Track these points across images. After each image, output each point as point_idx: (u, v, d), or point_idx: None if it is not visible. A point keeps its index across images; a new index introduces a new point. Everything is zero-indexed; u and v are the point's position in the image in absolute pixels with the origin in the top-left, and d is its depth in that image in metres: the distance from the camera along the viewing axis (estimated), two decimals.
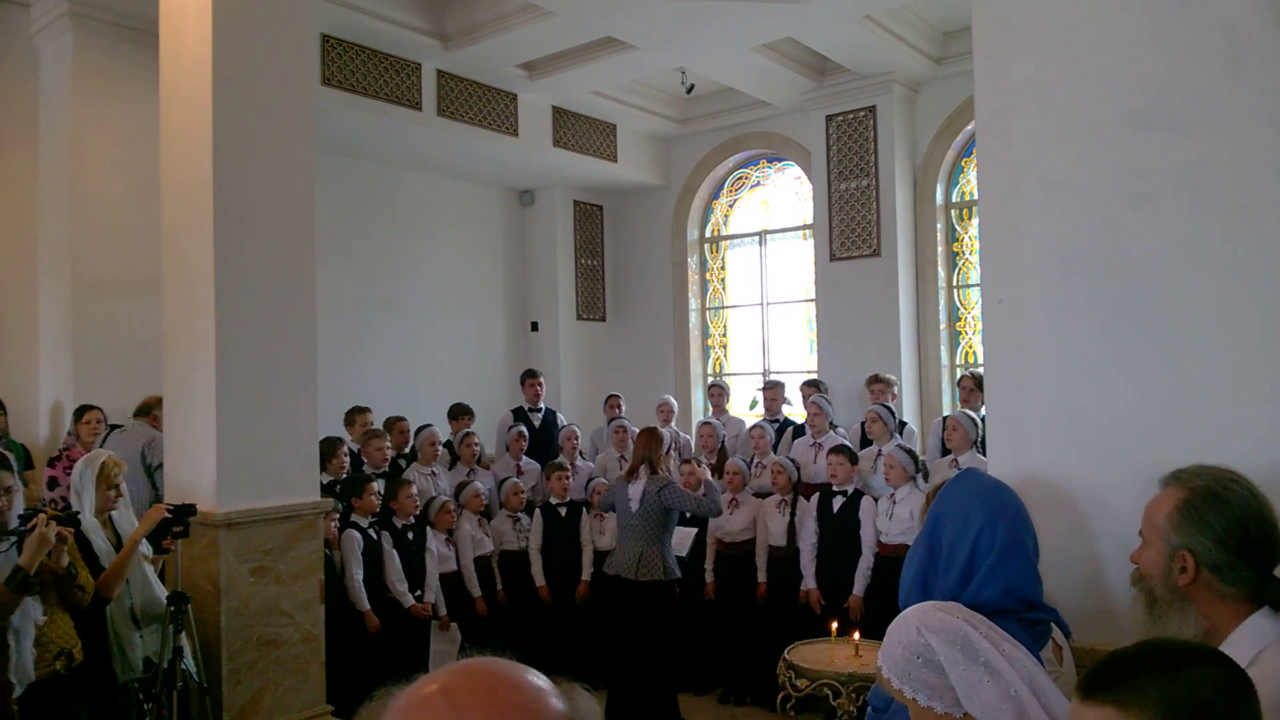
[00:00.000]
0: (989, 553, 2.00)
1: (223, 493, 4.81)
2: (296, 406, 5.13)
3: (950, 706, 1.69)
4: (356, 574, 5.64)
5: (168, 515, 4.32)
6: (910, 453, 5.76)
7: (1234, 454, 1.92)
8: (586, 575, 6.47)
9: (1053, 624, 2.08)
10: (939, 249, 8.32)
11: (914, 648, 1.71)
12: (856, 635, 3.55)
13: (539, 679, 0.88)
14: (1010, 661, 1.69)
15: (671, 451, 5.64)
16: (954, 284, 8.38)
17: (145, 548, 4.39)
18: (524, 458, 7.23)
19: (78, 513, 4.13)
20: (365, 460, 6.40)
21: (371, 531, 5.80)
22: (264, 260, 5.01)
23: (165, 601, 4.27)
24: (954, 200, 8.39)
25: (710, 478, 5.61)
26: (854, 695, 3.16)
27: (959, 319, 8.34)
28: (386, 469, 6.45)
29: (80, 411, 6.12)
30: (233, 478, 4.85)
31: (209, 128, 4.83)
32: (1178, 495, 1.83)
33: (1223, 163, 2.26)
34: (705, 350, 10.07)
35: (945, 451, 6.10)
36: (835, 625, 3.85)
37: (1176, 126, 2.27)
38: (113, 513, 4.37)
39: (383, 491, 6.01)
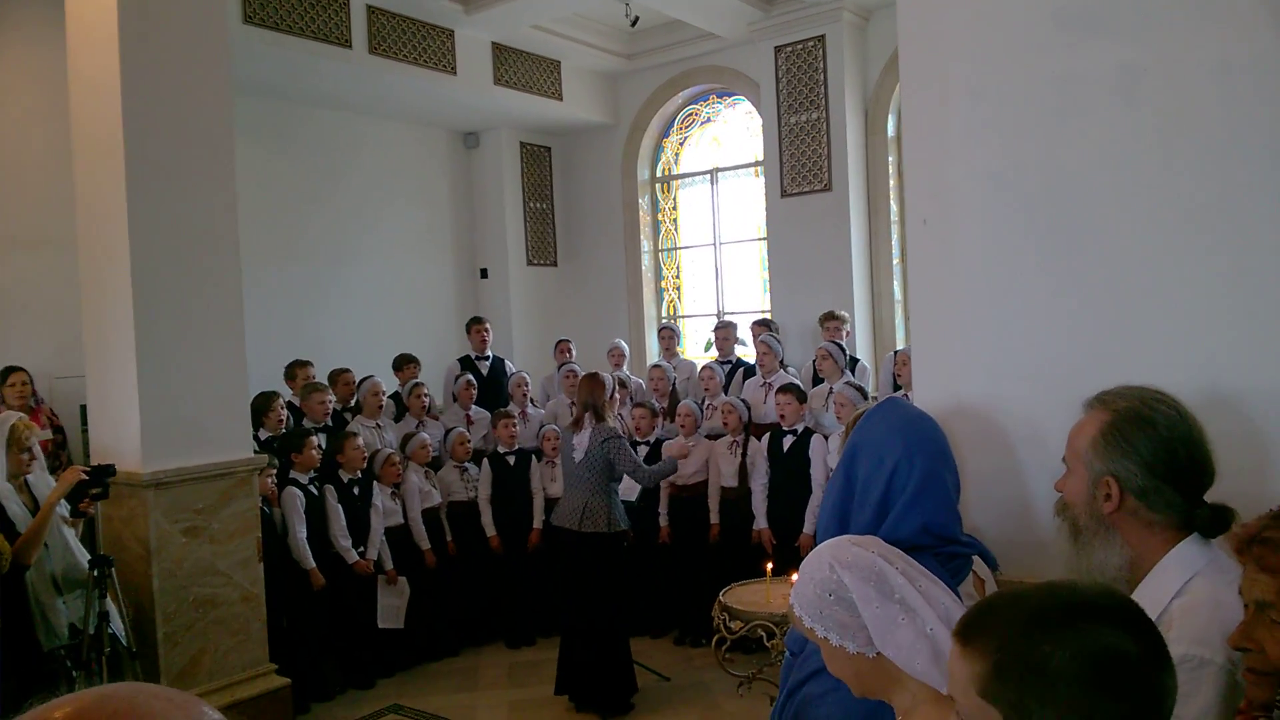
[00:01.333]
0: (904, 488, 1.89)
1: (148, 452, 4.66)
2: (224, 361, 4.97)
3: (863, 646, 1.60)
4: (299, 531, 5.50)
5: (84, 477, 4.15)
6: (860, 389, 5.69)
7: (1172, 379, 1.82)
8: (538, 524, 6.38)
9: (975, 557, 1.99)
10: (891, 182, 8.17)
11: (826, 584, 1.62)
12: (794, 575, 3.47)
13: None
14: (927, 598, 1.60)
15: (616, 396, 5.48)
16: (906, 218, 8.25)
17: (65, 511, 4.23)
18: (473, 407, 7.08)
19: None
20: (306, 414, 6.22)
21: (313, 487, 5.66)
22: (182, 210, 4.81)
23: (88, 565, 4.12)
24: (902, 137, 8.22)
25: (675, 455, 5.43)
26: (784, 640, 3.08)
27: (908, 258, 8.23)
28: (329, 423, 6.28)
29: (4, 374, 5.90)
30: (158, 436, 4.69)
31: (117, 75, 4.62)
32: (1101, 418, 1.72)
33: (1157, 65, 2.12)
34: (659, 293, 9.91)
35: (897, 386, 6.03)
36: (770, 566, 3.77)
37: (1107, 28, 2.13)
38: (29, 477, 4.21)
39: (323, 446, 5.85)
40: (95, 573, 4.07)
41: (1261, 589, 1.32)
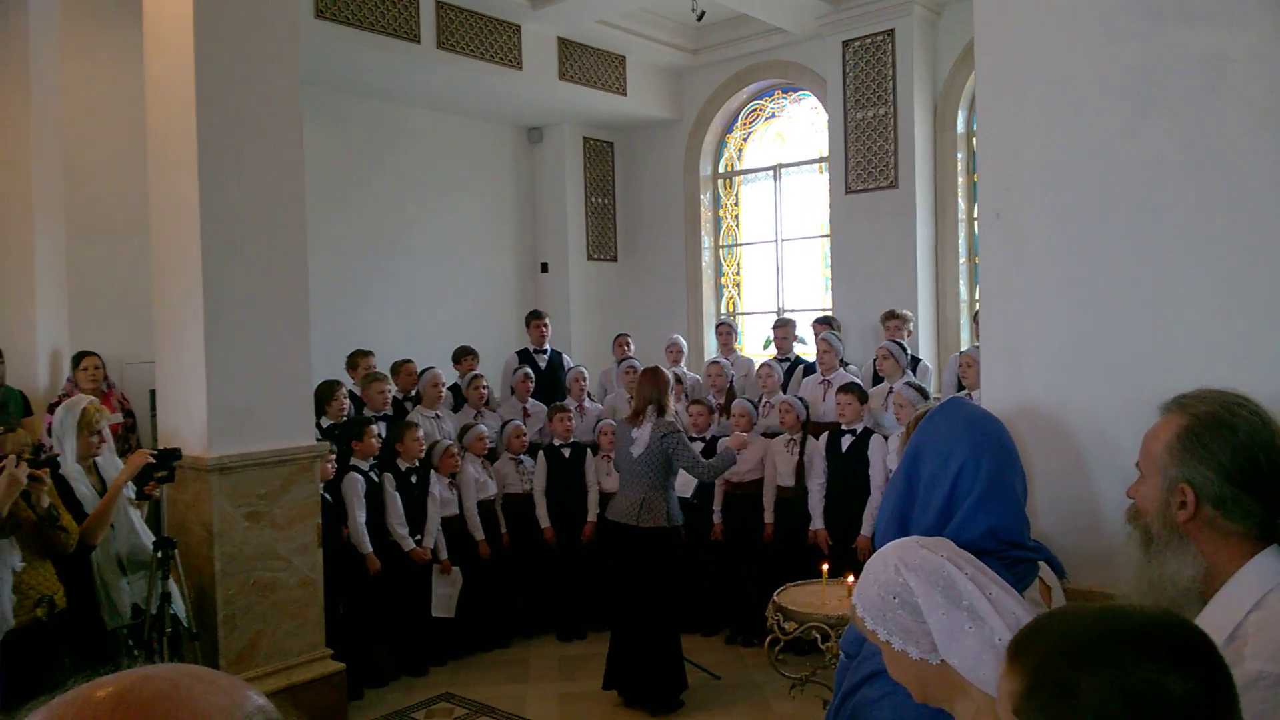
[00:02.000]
0: (970, 491, 1.82)
1: (214, 437, 4.75)
2: (289, 349, 5.05)
3: (927, 652, 1.54)
4: (359, 517, 5.58)
5: (151, 460, 4.24)
6: (921, 389, 5.57)
7: (1252, 382, 1.73)
8: (592, 517, 6.38)
9: (1042, 563, 1.91)
10: (959, 180, 8.00)
11: (891, 587, 1.56)
12: (850, 578, 3.41)
13: (218, 711, 0.68)
14: (996, 606, 1.53)
15: (674, 391, 5.44)
16: (974, 216, 8.07)
17: (131, 493, 4.33)
18: (530, 399, 7.10)
19: (55, 455, 4.06)
20: (366, 403, 6.30)
21: (373, 474, 5.72)
22: (251, 200, 4.90)
23: (152, 547, 4.21)
24: (976, 128, 8.04)
25: (735, 449, 5.36)
26: (840, 642, 3.01)
27: (979, 253, 8.04)
28: (389, 412, 6.35)
29: (78, 358, 6.08)
30: (224, 422, 4.78)
31: (191, 70, 4.72)
32: (1178, 422, 1.63)
33: (1246, 56, 2.01)
34: (718, 289, 9.85)
35: (961, 388, 5.90)
36: (826, 567, 3.71)
37: (1194, 15, 2.03)
38: (97, 459, 4.31)
39: (383, 434, 5.92)
40: (159, 554, 4.16)
41: None
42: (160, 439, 5.00)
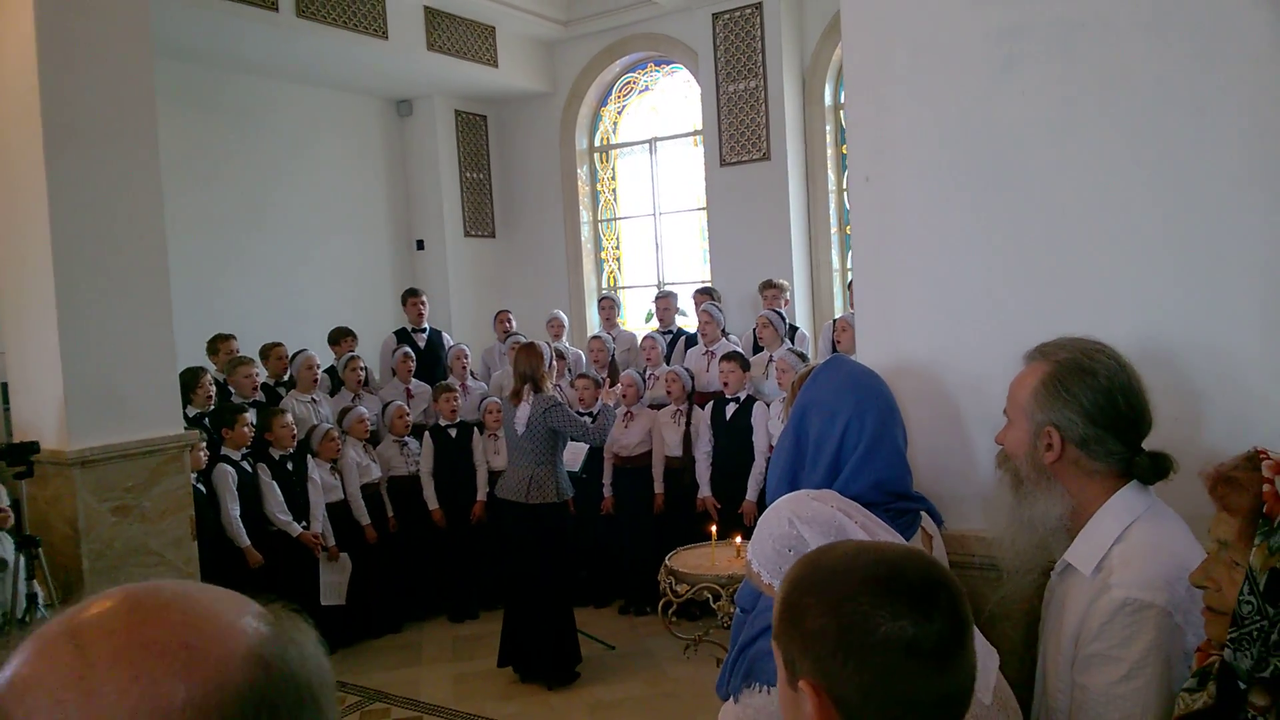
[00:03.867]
0: (856, 446, 1.89)
1: (73, 429, 4.49)
2: (151, 334, 4.81)
3: None
4: (232, 510, 5.39)
5: None
6: (801, 356, 5.72)
7: (1111, 332, 1.83)
8: (482, 496, 6.33)
9: (923, 512, 2.00)
10: (828, 151, 8.21)
11: (785, 540, 1.61)
12: (738, 538, 3.50)
13: (228, 612, 0.70)
14: None
15: (554, 366, 5.44)
16: (843, 187, 8.30)
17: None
18: (413, 380, 6.98)
19: None
20: (233, 390, 6.05)
21: (246, 464, 5.53)
22: (103, 176, 4.62)
23: (13, 548, 3.98)
24: (843, 101, 8.26)
25: (611, 404, 5.41)
26: (735, 597, 3.08)
27: (849, 222, 8.27)
28: (260, 397, 6.13)
29: None
30: (83, 412, 4.53)
31: (32, 41, 4.40)
32: (1042, 369, 1.74)
33: (1093, 20, 2.13)
34: (599, 263, 9.85)
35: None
36: (715, 529, 3.79)
37: None
38: None
39: (255, 422, 5.71)
40: (22, 555, 3.94)
41: (1224, 529, 1.34)
42: (15, 433, 4.71)
